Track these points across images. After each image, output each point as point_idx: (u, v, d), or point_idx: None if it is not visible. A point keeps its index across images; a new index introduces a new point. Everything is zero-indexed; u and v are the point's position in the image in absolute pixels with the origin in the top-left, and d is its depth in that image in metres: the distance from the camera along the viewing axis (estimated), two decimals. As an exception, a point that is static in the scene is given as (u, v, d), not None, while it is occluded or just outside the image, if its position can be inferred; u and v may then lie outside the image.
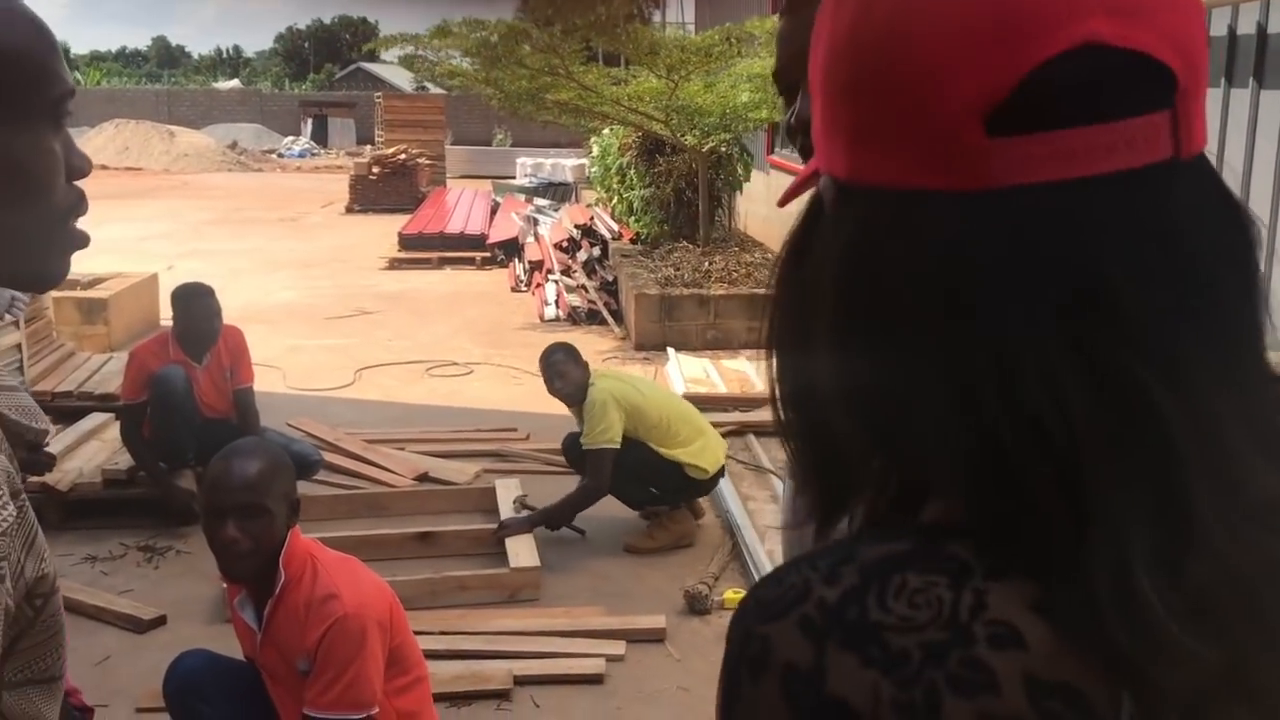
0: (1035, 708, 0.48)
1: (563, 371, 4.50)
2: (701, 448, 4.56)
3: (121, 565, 4.44)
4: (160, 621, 3.94)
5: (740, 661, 0.53)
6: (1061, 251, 0.51)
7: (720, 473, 4.66)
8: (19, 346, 6.08)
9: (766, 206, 11.02)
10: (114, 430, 5.44)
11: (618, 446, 4.38)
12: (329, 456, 5.50)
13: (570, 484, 4.75)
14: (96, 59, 64.95)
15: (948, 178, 0.53)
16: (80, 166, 0.93)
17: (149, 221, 16.16)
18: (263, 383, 6.91)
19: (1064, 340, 0.50)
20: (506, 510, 4.73)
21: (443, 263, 12.10)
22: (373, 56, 63.34)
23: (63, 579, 4.17)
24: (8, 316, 4.56)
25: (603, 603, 4.09)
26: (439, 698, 3.34)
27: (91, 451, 5.16)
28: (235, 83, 54.49)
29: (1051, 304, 0.50)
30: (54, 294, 8.01)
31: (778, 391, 0.61)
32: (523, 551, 4.27)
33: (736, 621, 0.54)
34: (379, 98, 22.20)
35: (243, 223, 16.53)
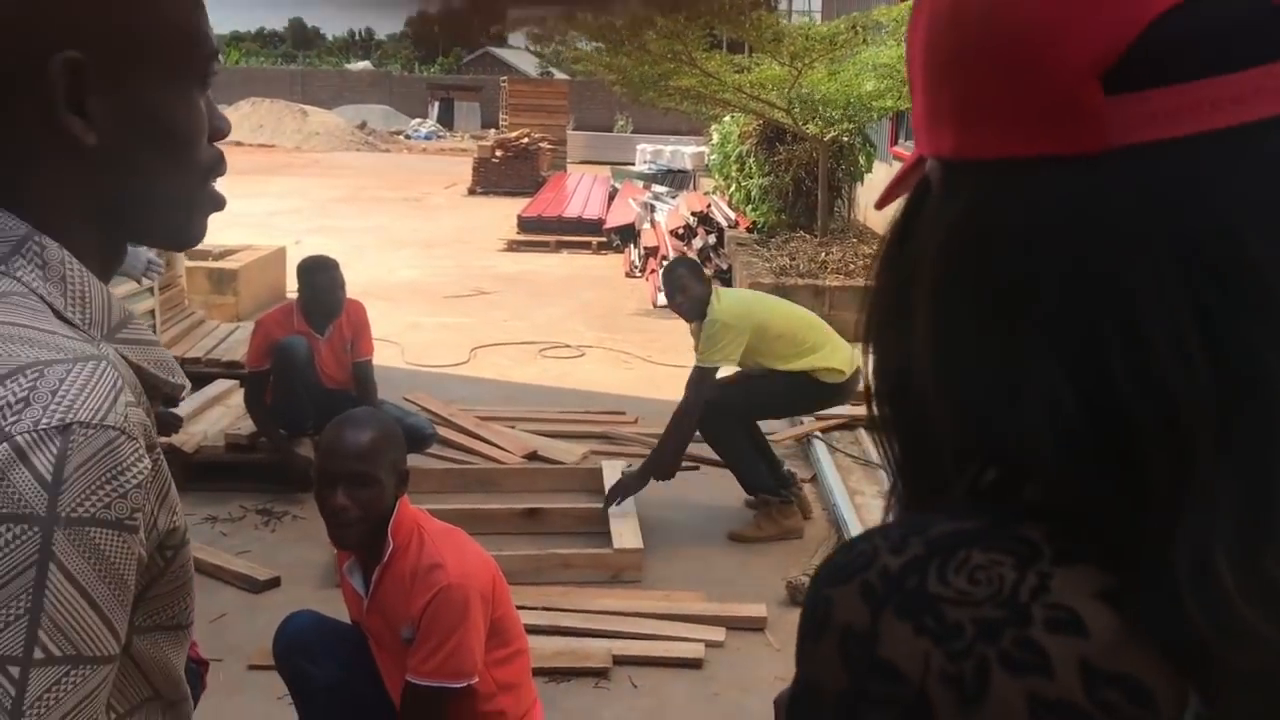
0: (1091, 696, 0.48)
1: (684, 285, 4.50)
2: (832, 350, 4.53)
3: (240, 527, 4.59)
4: (274, 583, 4.06)
5: (809, 620, 0.55)
6: (1191, 211, 0.49)
7: (856, 375, 4.55)
8: (152, 312, 6.32)
9: (887, 199, 10.82)
10: (238, 397, 5.63)
11: (719, 368, 4.41)
12: (442, 431, 5.60)
13: (685, 477, 4.73)
14: (236, 39, 67.19)
15: (1066, 142, 0.51)
16: (220, 128, 0.95)
17: (279, 198, 16.64)
18: (381, 357, 7.09)
19: (1193, 309, 0.48)
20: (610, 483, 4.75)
21: (560, 246, 12.21)
22: (501, 41, 64.33)
23: (184, 537, 4.35)
24: (144, 280, 4.73)
25: (705, 589, 4.08)
26: (538, 672, 3.38)
27: (216, 416, 5.34)
28: (366, 64, 55.73)
29: (1181, 268, 0.48)
30: (186, 263, 8.31)
31: (874, 385, 0.61)
32: (627, 533, 4.29)
33: (811, 583, 0.56)
34: (504, 82, 22.48)
35: (368, 201, 16.91)
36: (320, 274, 4.93)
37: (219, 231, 10.90)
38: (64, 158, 0.84)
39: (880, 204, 0.69)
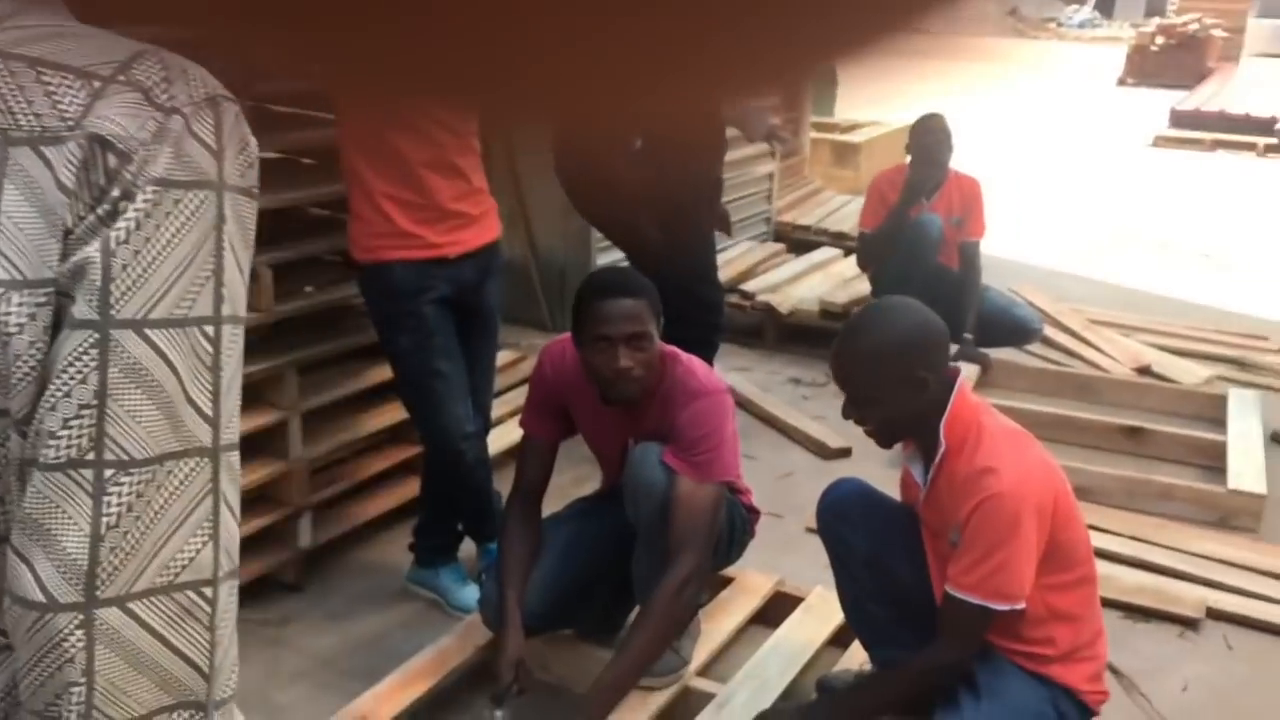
0: None
1: None
2: None
3: (821, 394, 4.57)
4: (845, 453, 4.00)
5: None
6: None
7: None
8: (770, 175, 6.46)
9: None
10: (841, 265, 5.61)
11: None
12: (1048, 330, 5.17)
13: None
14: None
15: None
16: None
17: (921, 80, 16.44)
18: (993, 243, 6.74)
19: None
20: (1236, 423, 4.07)
21: (1217, 146, 10.80)
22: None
23: (767, 394, 4.37)
24: (768, 145, 4.76)
25: (1340, 555, 3.37)
26: (1113, 605, 2.99)
27: (815, 282, 5.35)
28: (1026, -53, 53.02)
29: None
30: (812, 135, 8.44)
31: None
32: (1248, 472, 3.65)
33: None
34: (1179, -39, 20.15)
35: (1003, 90, 16.16)
36: (927, 134, 4.66)
37: (851, 108, 11.04)
38: None
39: None
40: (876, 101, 12.06)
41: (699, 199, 3.66)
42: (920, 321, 2.20)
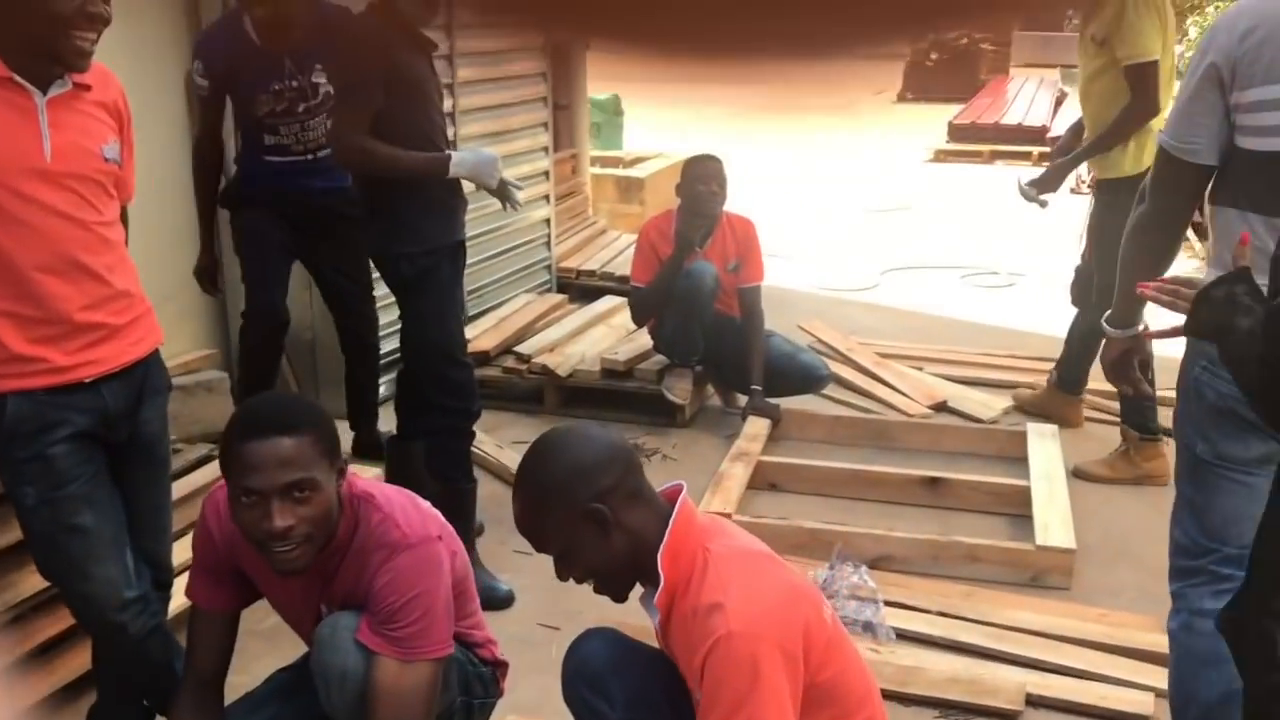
0: None
1: None
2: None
3: (607, 463, 4.15)
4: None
5: None
6: None
7: None
8: (547, 221, 6.04)
9: None
10: (624, 315, 5.21)
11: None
12: (837, 367, 4.90)
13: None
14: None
15: None
16: None
17: (703, 104, 16.39)
18: (779, 275, 6.48)
19: None
20: (1038, 461, 3.84)
21: (994, 157, 10.97)
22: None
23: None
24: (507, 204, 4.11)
25: (1155, 609, 3.13)
26: (925, 702, 2.66)
27: (598, 336, 4.94)
28: (804, -31, 54.75)
29: None
30: (595, 170, 8.07)
31: None
32: (1054, 523, 3.40)
33: None
34: (945, -22, 20.85)
35: (793, 110, 16.27)
36: (698, 181, 4.32)
37: (641, 138, 10.76)
38: None
39: None
40: (660, 130, 11.86)
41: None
42: (586, 449, 1.79)
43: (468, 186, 3.20)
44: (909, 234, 8.01)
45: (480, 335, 4.80)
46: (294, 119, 3.63)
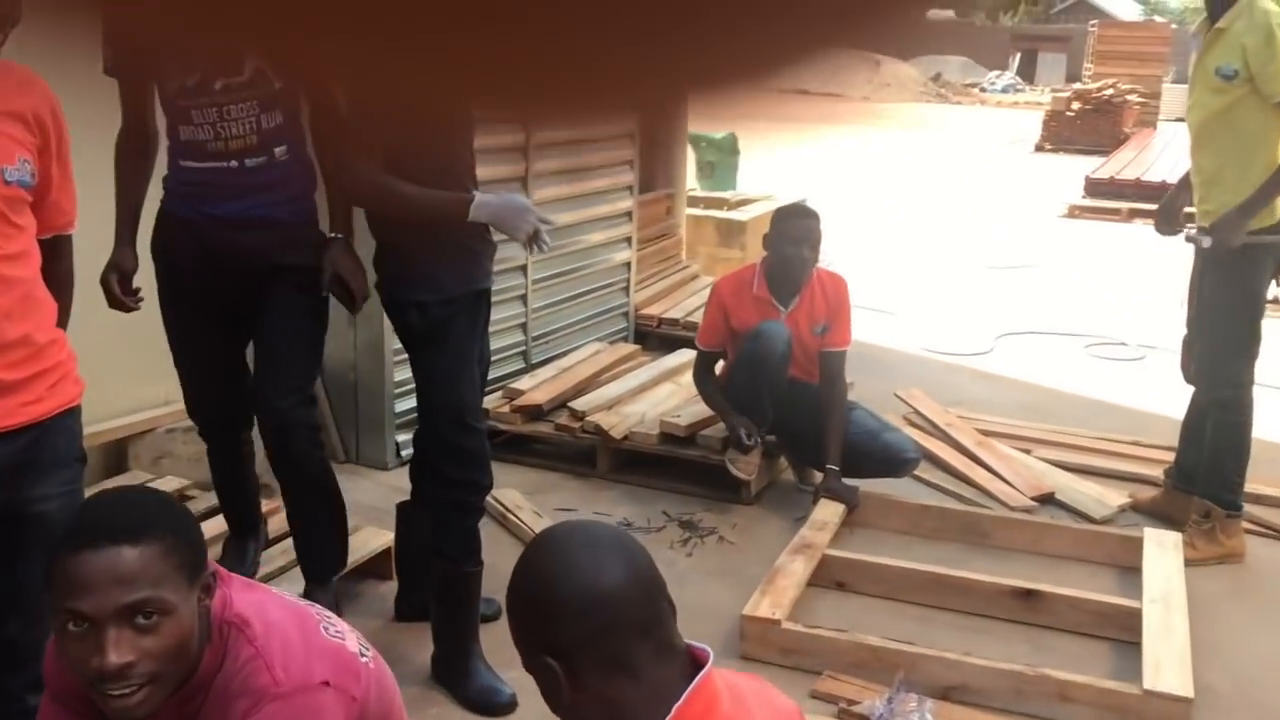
0: None
1: None
2: None
3: (658, 540, 3.70)
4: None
5: None
6: None
7: None
8: (627, 265, 5.64)
9: None
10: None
11: None
12: (931, 444, 4.38)
13: None
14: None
15: None
16: None
17: (820, 148, 15.91)
18: (879, 333, 5.95)
19: None
20: (1154, 579, 3.26)
21: (1133, 216, 10.21)
22: (1099, -12, 59.08)
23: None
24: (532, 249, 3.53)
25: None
26: None
27: (663, 395, 4.50)
28: (949, 14, 53.71)
29: None
30: (695, 211, 7.66)
31: None
32: (1168, 661, 2.81)
33: None
34: (1092, 26, 19.93)
35: (919, 158, 15.66)
36: (790, 226, 3.87)
37: (750, 180, 10.34)
38: None
39: None
40: (779, 171, 11.40)
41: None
42: (563, 583, 1.34)
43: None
44: (1031, 295, 7.39)
45: (536, 387, 4.41)
46: (209, 101, 2.56)
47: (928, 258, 8.43)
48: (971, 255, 8.60)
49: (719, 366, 4.02)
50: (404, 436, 4.08)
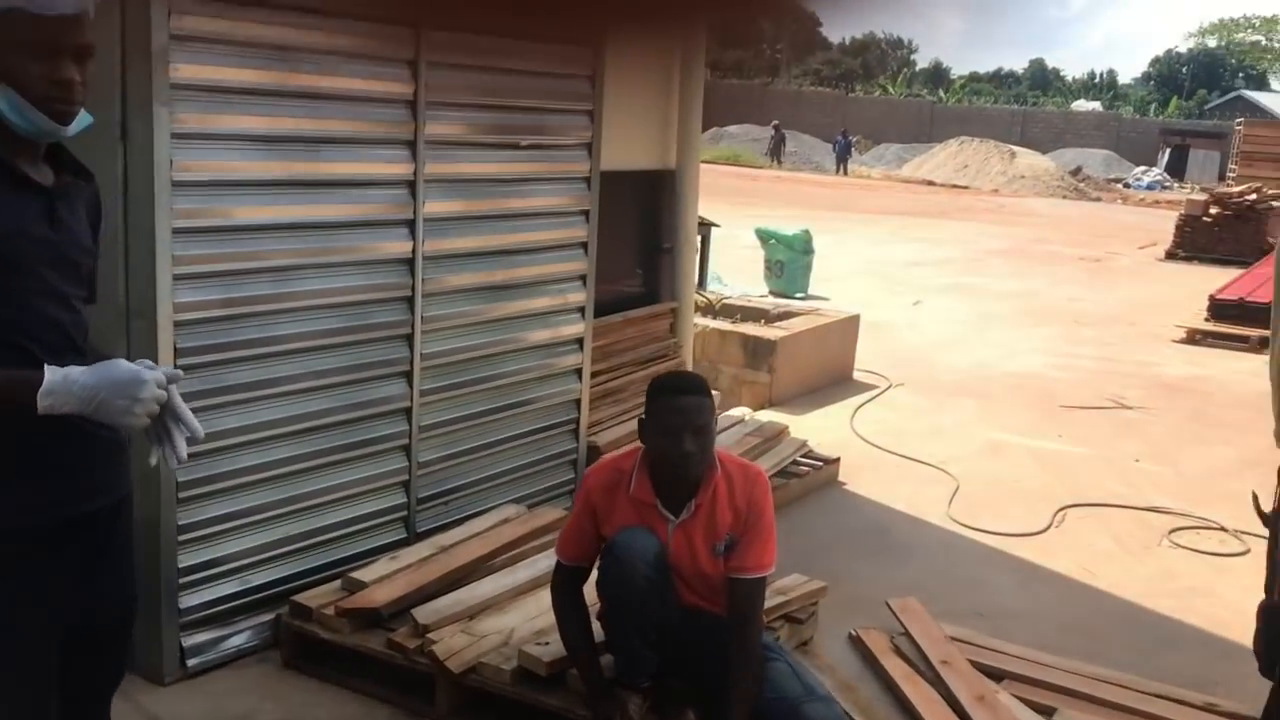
0: None
1: None
2: None
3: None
4: None
5: None
6: None
7: None
8: (575, 403, 4.56)
9: None
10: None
11: None
12: (911, 690, 3.17)
13: None
14: (972, 80, 65.70)
15: None
16: None
17: (933, 245, 14.67)
18: (904, 494, 4.60)
19: None
20: None
21: (1265, 346, 8.69)
22: (1261, 82, 56.18)
23: None
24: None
25: None
26: None
27: (536, 609, 3.32)
28: (1095, 105, 51.76)
29: None
30: (719, 324, 6.60)
31: None
32: None
33: None
34: (1239, 124, 18.24)
35: (1034, 257, 14.28)
36: (663, 409, 2.74)
37: (822, 284, 9.19)
38: None
39: None
40: (855, 273, 10.21)
41: None
42: None
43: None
44: (1119, 447, 6.03)
45: (387, 577, 3.35)
46: None
47: (1009, 390, 7.14)
48: (1061, 391, 7.27)
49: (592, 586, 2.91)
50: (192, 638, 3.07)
